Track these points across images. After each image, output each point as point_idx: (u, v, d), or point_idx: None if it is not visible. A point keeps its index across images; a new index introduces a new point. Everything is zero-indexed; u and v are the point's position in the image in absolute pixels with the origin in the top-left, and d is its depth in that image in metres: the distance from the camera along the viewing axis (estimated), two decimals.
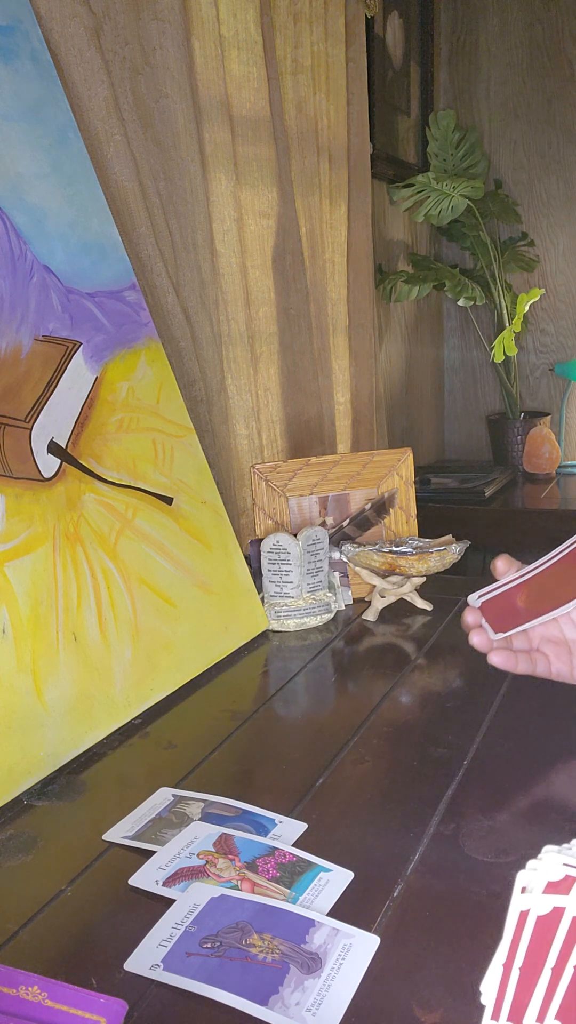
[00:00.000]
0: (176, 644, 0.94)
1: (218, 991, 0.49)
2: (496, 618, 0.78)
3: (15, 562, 0.79)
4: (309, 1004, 0.49)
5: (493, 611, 0.79)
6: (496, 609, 0.79)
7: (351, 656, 1.03)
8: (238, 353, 1.45)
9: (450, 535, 1.16)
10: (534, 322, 2.50)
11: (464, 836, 0.64)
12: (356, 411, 1.88)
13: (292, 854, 0.63)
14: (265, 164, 1.49)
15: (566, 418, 2.52)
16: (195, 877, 0.60)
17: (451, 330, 2.64)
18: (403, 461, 1.23)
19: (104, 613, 0.86)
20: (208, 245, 1.31)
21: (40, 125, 0.94)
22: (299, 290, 1.59)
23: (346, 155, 1.74)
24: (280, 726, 0.87)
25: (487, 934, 0.54)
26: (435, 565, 1.09)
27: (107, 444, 0.94)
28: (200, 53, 1.30)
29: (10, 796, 0.72)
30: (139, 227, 1.19)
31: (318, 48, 1.61)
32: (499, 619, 0.78)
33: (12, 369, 0.85)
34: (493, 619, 0.79)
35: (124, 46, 1.15)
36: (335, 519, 1.22)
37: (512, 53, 2.38)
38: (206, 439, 1.29)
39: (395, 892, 0.59)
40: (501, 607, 0.79)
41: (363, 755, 0.78)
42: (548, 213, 2.43)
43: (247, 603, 1.07)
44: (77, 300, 0.94)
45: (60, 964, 0.54)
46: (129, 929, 0.55)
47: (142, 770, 0.78)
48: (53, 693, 0.79)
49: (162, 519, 0.97)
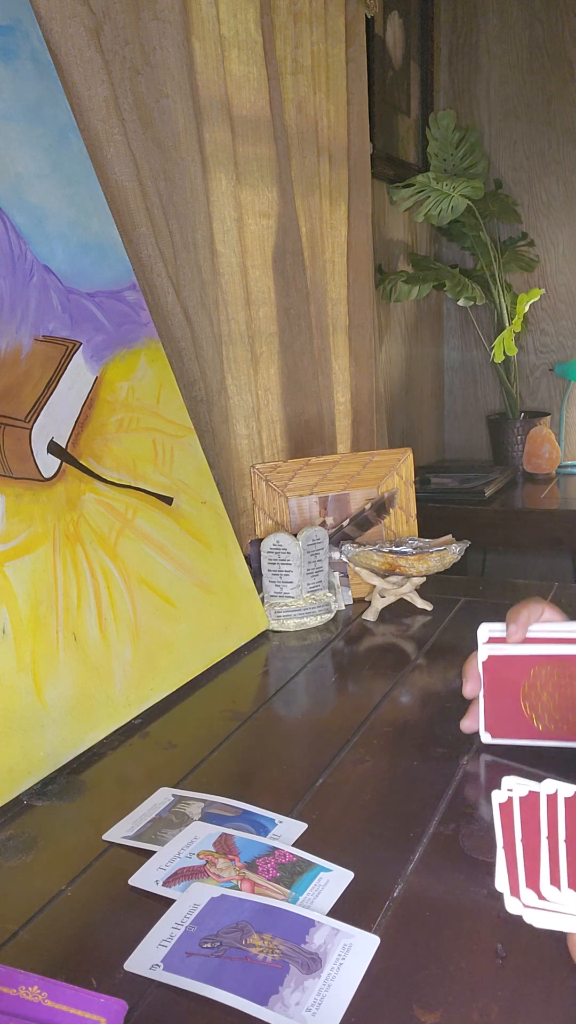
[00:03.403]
0: (176, 644, 0.94)
1: (218, 991, 0.49)
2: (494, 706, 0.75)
3: (15, 562, 0.79)
4: (309, 1004, 0.49)
5: (494, 685, 0.76)
6: (497, 683, 0.75)
7: (351, 656, 1.03)
8: (238, 353, 1.45)
9: (450, 535, 1.16)
10: (534, 322, 2.50)
11: (464, 836, 0.64)
12: (356, 411, 1.88)
13: (292, 854, 0.62)
14: (265, 164, 1.49)
15: (566, 418, 2.52)
16: (195, 877, 0.60)
17: (451, 330, 2.64)
18: (403, 461, 1.23)
19: (104, 613, 0.86)
20: (208, 245, 1.31)
21: (40, 125, 0.94)
22: (299, 290, 1.59)
23: (346, 155, 1.74)
24: (280, 726, 0.87)
25: (487, 934, 0.54)
26: (435, 565, 1.09)
27: (107, 444, 0.94)
28: (200, 53, 1.30)
29: (10, 796, 0.72)
30: (139, 227, 1.19)
31: (318, 48, 1.61)
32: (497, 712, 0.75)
33: (12, 369, 0.85)
34: (491, 703, 0.75)
35: (124, 46, 1.15)
36: (335, 519, 1.22)
37: (512, 53, 2.38)
38: (206, 439, 1.29)
39: (395, 892, 0.59)
40: (503, 687, 0.75)
41: (363, 755, 0.78)
42: (548, 213, 2.43)
43: (247, 603, 1.07)
44: (77, 300, 0.94)
45: (60, 964, 0.54)
46: (129, 929, 0.55)
47: (142, 770, 0.78)
48: (53, 693, 0.79)
49: (162, 519, 0.97)
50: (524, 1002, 0.49)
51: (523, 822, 0.49)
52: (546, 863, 0.48)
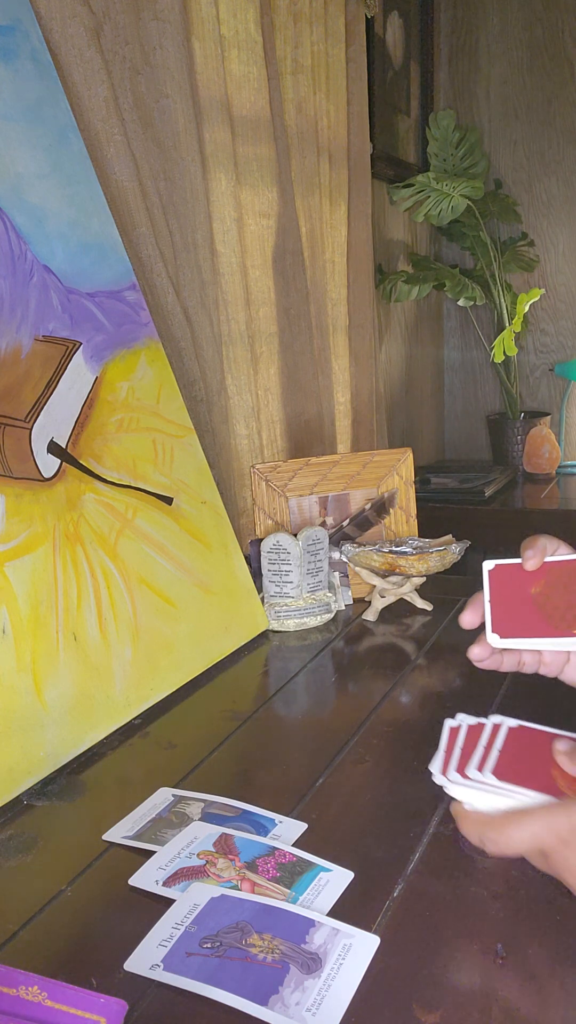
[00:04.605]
0: (176, 644, 0.94)
1: (218, 991, 0.49)
2: (503, 609, 0.67)
3: (15, 562, 0.79)
4: (309, 1004, 0.49)
5: (501, 590, 0.68)
6: (505, 589, 0.68)
7: (351, 656, 1.03)
8: (238, 353, 1.45)
9: (450, 535, 1.16)
10: (534, 322, 2.50)
11: (464, 836, 0.64)
12: (356, 411, 1.88)
13: (292, 854, 0.62)
14: (265, 164, 1.49)
15: (566, 418, 2.52)
16: (195, 877, 0.60)
17: (451, 330, 2.64)
18: (403, 461, 1.23)
19: (104, 613, 0.86)
20: (208, 245, 1.31)
21: (40, 125, 0.94)
22: (299, 290, 1.59)
23: (346, 155, 1.74)
24: (280, 726, 0.87)
25: (487, 934, 0.54)
26: (435, 565, 1.09)
27: (107, 444, 0.94)
28: (200, 53, 1.30)
29: (10, 796, 0.72)
30: (139, 227, 1.19)
31: (318, 48, 1.61)
32: (505, 613, 0.67)
33: (12, 369, 0.85)
34: (499, 607, 0.67)
35: (124, 46, 1.15)
36: (335, 519, 1.22)
37: (512, 53, 2.38)
38: (206, 439, 1.29)
39: (395, 892, 0.59)
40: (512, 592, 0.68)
41: (363, 755, 0.78)
42: (548, 213, 2.43)
43: (247, 603, 1.07)
44: (77, 300, 0.94)
45: (60, 964, 0.54)
46: (129, 929, 0.55)
47: (142, 770, 0.78)
48: (53, 693, 0.78)
49: (162, 519, 0.97)
50: (524, 1002, 0.49)
51: (466, 738, 0.61)
52: (477, 759, 0.58)
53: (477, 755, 0.59)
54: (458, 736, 0.61)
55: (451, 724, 0.63)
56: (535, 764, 0.58)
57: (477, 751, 0.59)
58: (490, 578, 0.69)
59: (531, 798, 0.55)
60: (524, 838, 0.52)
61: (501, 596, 0.69)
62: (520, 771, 0.57)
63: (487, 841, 0.54)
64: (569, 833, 0.50)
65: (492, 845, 0.53)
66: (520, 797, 0.55)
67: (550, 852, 0.51)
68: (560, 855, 0.51)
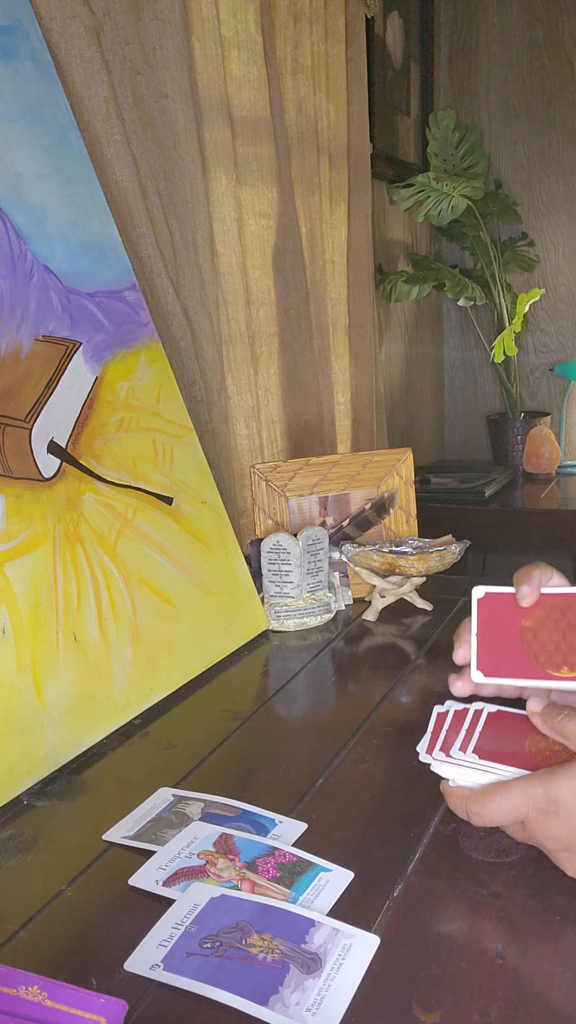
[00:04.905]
0: (176, 644, 0.94)
1: (218, 991, 0.49)
2: (489, 643, 0.67)
3: (15, 562, 0.79)
4: (309, 1004, 0.49)
5: (490, 621, 0.68)
6: (495, 621, 0.68)
7: (351, 656, 1.03)
8: (238, 353, 1.45)
9: (450, 535, 1.16)
10: (534, 322, 2.50)
11: (464, 836, 0.64)
12: (356, 411, 1.88)
13: (292, 854, 0.62)
14: (265, 164, 1.49)
15: (566, 418, 2.52)
16: (195, 877, 0.60)
17: (451, 330, 2.64)
18: (403, 461, 1.23)
19: (104, 613, 0.86)
20: (208, 245, 1.31)
21: (40, 125, 0.94)
22: (299, 290, 1.59)
23: (346, 155, 1.74)
24: (280, 726, 0.87)
25: (487, 934, 0.54)
26: (435, 565, 1.09)
27: (107, 444, 0.94)
28: (200, 53, 1.30)
29: (10, 796, 0.72)
30: (139, 227, 1.19)
31: (318, 48, 1.61)
32: (492, 647, 0.67)
33: (12, 369, 0.85)
34: (485, 640, 0.67)
35: (124, 46, 1.15)
36: (335, 519, 1.22)
37: (512, 53, 2.38)
38: (206, 439, 1.29)
39: (395, 892, 0.59)
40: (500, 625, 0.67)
41: (363, 755, 0.78)
42: (548, 213, 2.43)
43: (247, 603, 1.07)
44: (77, 300, 0.94)
45: (60, 964, 0.54)
46: (129, 929, 0.55)
47: (142, 770, 0.78)
48: (53, 693, 0.79)
49: (162, 519, 0.97)
50: (524, 1002, 0.49)
51: (451, 722, 0.67)
52: (460, 740, 0.64)
53: (460, 736, 0.65)
54: (445, 720, 0.67)
55: (439, 710, 0.69)
56: (513, 743, 0.64)
57: (461, 733, 0.65)
58: (479, 607, 0.69)
59: (510, 773, 0.60)
60: (505, 808, 0.57)
61: (489, 628, 0.68)
62: (499, 750, 0.63)
63: (471, 814, 0.59)
64: (545, 801, 0.55)
65: (476, 817, 0.59)
66: (500, 772, 0.60)
67: (529, 821, 0.56)
68: (537, 823, 0.56)
